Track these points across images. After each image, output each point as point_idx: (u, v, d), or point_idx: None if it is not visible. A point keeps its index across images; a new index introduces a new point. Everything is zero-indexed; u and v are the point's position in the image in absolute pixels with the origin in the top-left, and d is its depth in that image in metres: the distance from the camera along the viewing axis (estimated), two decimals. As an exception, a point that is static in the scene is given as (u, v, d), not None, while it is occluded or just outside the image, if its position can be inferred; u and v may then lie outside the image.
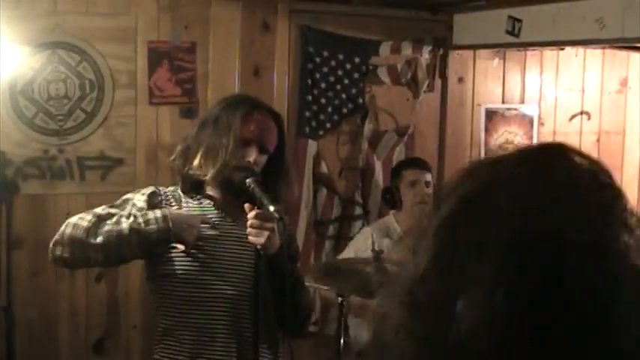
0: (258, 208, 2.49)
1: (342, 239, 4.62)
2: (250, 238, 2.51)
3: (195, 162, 2.64)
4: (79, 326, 4.10)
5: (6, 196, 3.89)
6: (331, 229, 4.62)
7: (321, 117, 4.53)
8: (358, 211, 4.67)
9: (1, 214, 3.90)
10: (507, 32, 4.34)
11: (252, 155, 2.64)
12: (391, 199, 4.17)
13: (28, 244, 3.97)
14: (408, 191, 4.09)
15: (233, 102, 2.76)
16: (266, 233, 2.48)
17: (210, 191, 2.74)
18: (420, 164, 4.20)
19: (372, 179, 4.67)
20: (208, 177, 2.62)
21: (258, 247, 2.51)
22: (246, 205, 2.53)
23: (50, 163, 3.97)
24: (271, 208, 2.41)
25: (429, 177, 4.16)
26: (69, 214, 3.96)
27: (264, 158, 2.70)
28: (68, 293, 4.07)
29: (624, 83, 5.52)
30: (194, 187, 2.72)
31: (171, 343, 2.66)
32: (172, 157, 2.77)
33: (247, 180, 2.52)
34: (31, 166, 3.94)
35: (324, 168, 4.57)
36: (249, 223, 2.51)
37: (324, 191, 4.58)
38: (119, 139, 4.09)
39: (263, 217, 2.49)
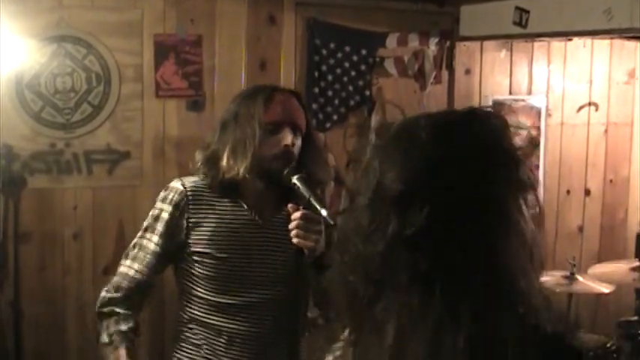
0: (304, 209, 2.34)
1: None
2: (295, 240, 2.36)
3: (224, 163, 2.48)
4: (87, 320, 4.09)
5: (13, 190, 3.89)
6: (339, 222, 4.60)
7: (328, 109, 4.52)
8: (366, 203, 4.65)
9: (8, 209, 3.89)
10: (514, 23, 4.32)
11: (287, 138, 2.48)
12: None
13: (36, 239, 3.97)
14: None
15: (249, 93, 2.62)
16: (314, 236, 2.35)
17: (244, 188, 2.55)
18: None
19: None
20: (241, 173, 2.45)
21: (305, 251, 2.37)
22: (290, 206, 2.38)
23: (57, 157, 3.96)
24: (324, 213, 2.27)
25: None
26: (76, 208, 4.00)
27: (299, 140, 2.53)
28: (75, 287, 4.07)
29: (632, 74, 5.49)
30: (227, 188, 2.54)
31: (189, 346, 2.62)
32: (197, 166, 2.60)
33: (293, 178, 2.37)
34: (37, 160, 3.94)
35: (331, 160, 4.56)
36: (294, 224, 2.36)
37: (331, 184, 4.57)
38: (126, 133, 4.08)
39: (311, 219, 2.35)
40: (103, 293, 2.61)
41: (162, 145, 4.13)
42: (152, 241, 2.56)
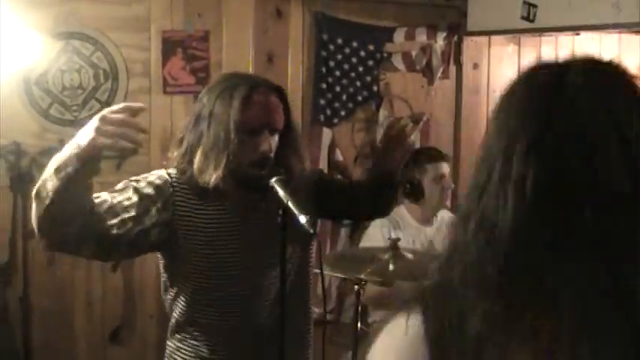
0: (284, 213, 2.24)
1: (357, 228, 4.61)
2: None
3: (196, 167, 2.36)
4: (95, 316, 4.11)
5: (21, 186, 3.89)
6: (346, 217, 4.61)
7: (336, 105, 4.52)
8: (373, 198, 4.65)
9: (17, 205, 3.90)
10: (522, 17, 4.31)
11: (265, 144, 2.37)
12: (414, 192, 4.02)
13: (44, 234, 3.98)
14: (435, 186, 4.00)
15: (226, 87, 2.42)
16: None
17: (223, 187, 2.41)
18: (442, 156, 4.04)
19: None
20: (212, 183, 2.32)
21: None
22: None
23: (65, 154, 3.97)
24: (302, 220, 2.15)
25: (449, 167, 4.06)
26: (84, 204, 4.00)
27: (276, 138, 2.44)
28: (84, 283, 4.08)
29: (641, 68, 5.47)
30: (205, 188, 2.40)
31: (184, 345, 2.57)
32: (175, 161, 2.44)
33: (271, 181, 2.26)
34: (46, 157, 3.91)
35: (339, 156, 4.55)
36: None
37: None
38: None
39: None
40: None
41: (169, 140, 4.12)
42: (126, 199, 2.36)
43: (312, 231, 2.15)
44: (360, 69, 4.55)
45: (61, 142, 3.93)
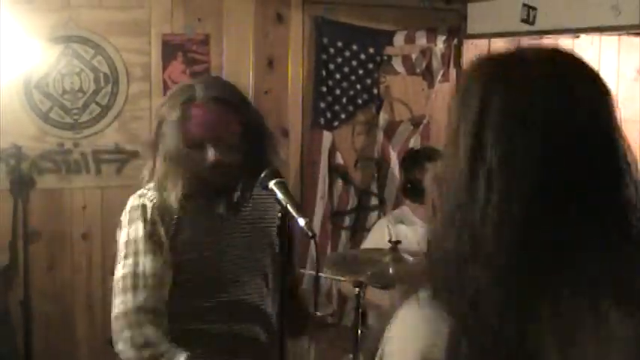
0: (283, 215, 2.23)
1: (358, 230, 4.61)
2: None
3: (157, 185, 2.38)
4: (96, 319, 4.10)
5: (22, 190, 3.90)
6: (347, 220, 4.62)
7: (336, 108, 4.52)
8: (374, 201, 4.66)
9: (18, 209, 3.91)
10: (522, 20, 4.31)
11: (209, 156, 2.33)
12: (416, 193, 4.01)
13: (45, 238, 3.99)
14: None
15: (169, 103, 2.40)
16: None
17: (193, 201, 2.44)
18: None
19: (387, 170, 4.66)
20: (173, 204, 2.34)
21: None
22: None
23: (65, 157, 3.98)
24: (301, 222, 2.15)
25: None
26: (85, 208, 4.01)
27: (225, 152, 2.37)
28: (85, 286, 4.09)
29: (641, 71, 5.48)
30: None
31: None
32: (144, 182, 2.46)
33: (270, 183, 2.24)
34: (46, 160, 3.95)
35: (339, 159, 4.56)
36: None
37: (339, 182, 4.57)
38: (134, 132, 4.09)
39: None
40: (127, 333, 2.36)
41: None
42: (144, 264, 2.38)
43: (310, 233, 2.15)
44: (360, 72, 4.56)
45: (61, 145, 3.96)
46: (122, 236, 2.44)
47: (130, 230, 2.41)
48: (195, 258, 2.46)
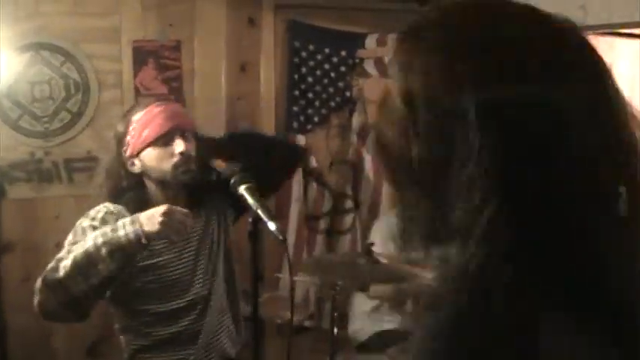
0: (255, 220, 2.26)
1: (334, 233, 4.61)
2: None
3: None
4: (74, 329, 4.06)
5: (-7, 199, 3.86)
6: (322, 224, 4.61)
7: (309, 111, 4.51)
8: (349, 204, 4.66)
9: (-11, 218, 3.87)
10: (493, 21, 4.32)
11: (180, 146, 2.52)
12: None
13: (19, 249, 3.95)
14: None
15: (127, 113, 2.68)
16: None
17: (156, 200, 2.57)
18: None
19: (362, 172, 4.66)
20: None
21: None
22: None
23: (37, 166, 3.94)
24: (272, 227, 2.19)
25: None
26: (58, 217, 3.97)
27: (193, 142, 2.58)
28: (60, 296, 4.04)
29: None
30: (139, 206, 2.53)
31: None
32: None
33: (240, 188, 2.31)
34: (17, 170, 3.91)
35: (313, 162, 4.55)
36: None
37: (314, 186, 4.56)
38: (107, 140, 4.04)
39: None
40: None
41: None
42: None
43: (281, 237, 2.19)
44: (333, 75, 4.55)
45: (32, 154, 3.92)
46: (74, 229, 2.59)
47: (77, 226, 2.60)
48: (153, 263, 2.51)
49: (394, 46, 1.04)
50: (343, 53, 4.58)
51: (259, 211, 2.23)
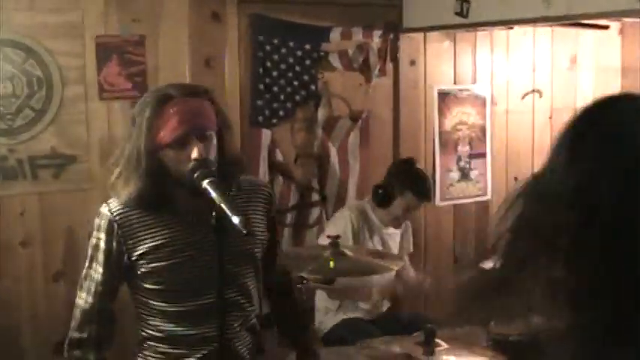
0: (218, 215, 2.26)
1: (300, 227, 4.62)
2: None
3: (111, 182, 2.50)
4: (41, 327, 4.05)
5: (-43, 199, 3.83)
6: (289, 217, 4.62)
7: (274, 105, 4.52)
8: (315, 197, 4.67)
9: (-46, 217, 3.84)
10: (456, 13, 4.36)
11: (194, 152, 2.36)
12: (381, 199, 4.15)
13: (-17, 248, 3.92)
14: (400, 209, 4.15)
15: (141, 107, 2.47)
16: None
17: (175, 198, 2.50)
18: (427, 195, 4.23)
19: (328, 165, 4.68)
20: (121, 203, 2.48)
21: None
22: None
23: (1, 164, 3.90)
24: (235, 220, 2.16)
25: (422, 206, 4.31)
26: (23, 214, 3.94)
27: (213, 141, 2.44)
28: (27, 296, 4.02)
29: (574, 60, 5.58)
30: (154, 202, 2.48)
31: (151, 354, 2.62)
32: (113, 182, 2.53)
33: (203, 183, 2.28)
34: (-18, 169, 3.88)
35: (279, 156, 4.56)
36: None
37: (280, 179, 4.57)
38: (71, 136, 4.04)
39: None
40: (72, 333, 2.59)
41: (109, 147, 4.07)
42: (98, 272, 2.55)
43: (245, 231, 2.16)
44: (298, 69, 4.56)
45: (-5, 152, 3.89)
46: (90, 239, 2.60)
47: (92, 237, 2.58)
48: (164, 265, 2.49)
49: None
50: (307, 47, 4.58)
51: (222, 205, 2.21)
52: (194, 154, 2.36)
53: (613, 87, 5.71)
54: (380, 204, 4.15)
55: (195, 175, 2.32)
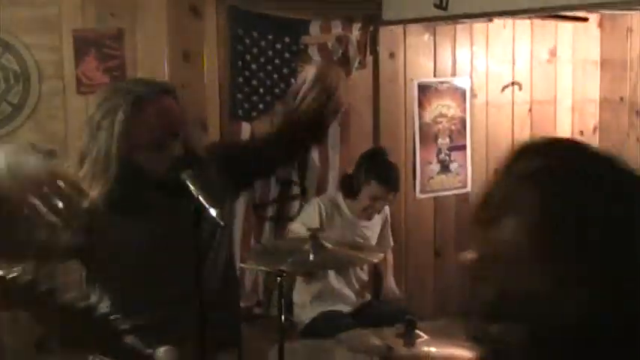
0: (197, 208, 2.20)
1: (281, 220, 4.61)
2: None
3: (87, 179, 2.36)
4: (20, 326, 4.02)
5: None
6: (270, 211, 4.61)
7: (254, 99, 4.50)
8: (296, 191, 4.67)
9: None
10: (435, 6, 4.36)
11: (173, 151, 2.35)
12: (349, 188, 4.19)
13: (-39, 243, 3.88)
14: (367, 198, 4.16)
15: (109, 109, 2.35)
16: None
17: (145, 199, 2.45)
18: (390, 184, 4.21)
19: (308, 159, 4.66)
20: (88, 205, 2.28)
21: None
22: None
23: (-21, 159, 3.87)
24: (213, 212, 2.13)
25: (391, 196, 4.24)
26: (1, 210, 3.91)
27: (181, 141, 2.41)
28: (5, 291, 3.99)
29: (554, 52, 5.60)
30: (123, 204, 2.41)
31: None
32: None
33: (182, 175, 2.24)
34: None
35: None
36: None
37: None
38: (49, 131, 4.01)
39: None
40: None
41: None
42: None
43: (222, 223, 2.16)
44: (277, 62, 4.54)
45: (-28, 147, 3.86)
46: None
47: None
48: (132, 263, 2.47)
49: None
50: (287, 40, 4.57)
51: (200, 198, 2.19)
52: (173, 153, 2.35)
53: (592, 79, 5.74)
54: (347, 194, 4.20)
55: (177, 172, 2.27)
